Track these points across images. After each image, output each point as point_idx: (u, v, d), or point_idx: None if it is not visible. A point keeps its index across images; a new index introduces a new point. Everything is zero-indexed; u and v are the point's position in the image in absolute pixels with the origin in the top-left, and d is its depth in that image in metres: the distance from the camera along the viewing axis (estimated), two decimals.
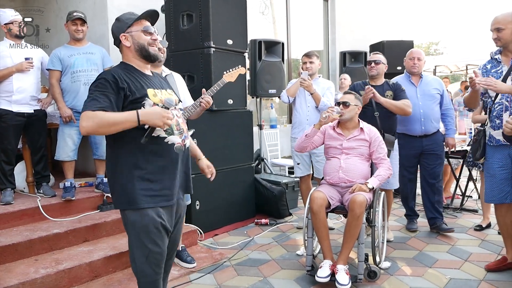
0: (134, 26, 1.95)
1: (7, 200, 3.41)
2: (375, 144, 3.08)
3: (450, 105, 3.94)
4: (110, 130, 1.79)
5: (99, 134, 1.80)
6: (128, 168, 1.90)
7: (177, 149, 1.97)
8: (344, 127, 3.16)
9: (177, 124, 1.98)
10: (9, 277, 2.65)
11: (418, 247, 3.51)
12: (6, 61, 3.47)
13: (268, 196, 4.43)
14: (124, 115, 1.79)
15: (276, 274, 3.06)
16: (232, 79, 3.11)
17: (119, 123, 1.78)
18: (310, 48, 4.41)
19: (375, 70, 3.58)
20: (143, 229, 1.91)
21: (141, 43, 1.94)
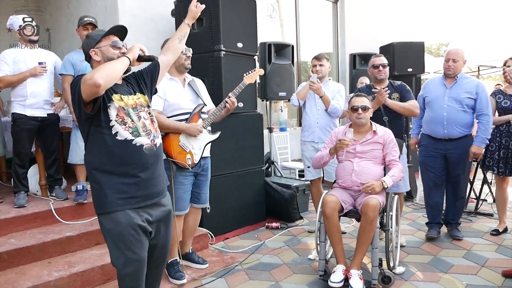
0: (103, 41, 2.04)
1: (20, 203, 3.43)
2: (388, 146, 3.05)
3: (485, 110, 3.52)
4: (115, 72, 1.90)
5: (110, 81, 1.89)
6: (99, 172, 1.98)
7: (147, 150, 2.03)
8: (356, 132, 3.12)
9: (143, 125, 2.05)
10: (22, 280, 2.67)
11: (433, 252, 3.46)
12: (20, 66, 3.51)
13: (279, 200, 4.41)
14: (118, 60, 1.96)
15: (288, 279, 3.03)
16: (252, 80, 3.16)
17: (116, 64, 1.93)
18: (319, 51, 4.40)
19: (383, 73, 3.54)
20: (119, 236, 1.96)
21: (110, 56, 2.03)
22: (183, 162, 2.85)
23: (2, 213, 3.25)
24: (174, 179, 2.88)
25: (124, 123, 1.98)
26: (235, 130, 4.06)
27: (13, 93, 3.56)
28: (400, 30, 8.00)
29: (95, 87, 1.79)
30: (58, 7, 5.25)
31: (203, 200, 3.15)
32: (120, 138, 1.97)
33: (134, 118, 2.02)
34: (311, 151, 3.95)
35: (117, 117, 1.97)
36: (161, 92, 2.87)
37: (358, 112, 3.05)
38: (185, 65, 2.98)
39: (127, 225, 1.96)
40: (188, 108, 2.95)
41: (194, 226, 3.23)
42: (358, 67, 6.53)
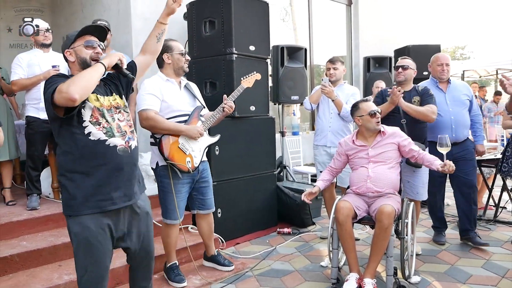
0: (77, 41, 2.00)
1: (33, 206, 3.45)
2: (407, 142, 2.98)
3: (479, 111, 3.82)
4: (90, 83, 1.84)
5: (87, 92, 1.83)
6: (70, 173, 1.92)
7: (121, 151, 1.97)
8: (366, 136, 3.05)
9: (118, 126, 2.00)
10: (33, 283, 2.67)
11: (450, 261, 3.36)
12: (34, 69, 3.54)
13: (291, 205, 4.35)
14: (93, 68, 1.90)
15: (300, 286, 2.97)
16: (249, 84, 3.13)
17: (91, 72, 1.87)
18: (332, 54, 4.33)
19: (403, 75, 3.46)
20: (84, 242, 1.91)
21: (82, 57, 1.99)
22: (183, 165, 2.80)
23: (15, 216, 3.27)
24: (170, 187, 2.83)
25: (98, 123, 1.93)
26: (246, 134, 4.03)
27: (27, 96, 3.59)
28: (416, 33, 7.78)
29: (70, 101, 1.75)
30: (72, 11, 5.30)
31: (208, 206, 3.12)
32: (93, 138, 1.91)
33: (108, 119, 1.97)
34: (324, 155, 3.89)
35: (91, 117, 1.92)
36: (158, 93, 2.81)
37: (377, 116, 2.98)
38: (183, 68, 2.93)
39: (94, 230, 1.90)
40: (186, 110, 2.90)
41: (209, 229, 3.22)
42: (372, 70, 6.44)
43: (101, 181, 1.92)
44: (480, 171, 4.46)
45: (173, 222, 2.92)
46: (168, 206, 2.89)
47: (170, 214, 2.90)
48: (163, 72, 2.94)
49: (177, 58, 2.90)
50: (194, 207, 3.11)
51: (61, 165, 1.95)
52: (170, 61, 2.91)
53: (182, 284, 2.91)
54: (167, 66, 2.92)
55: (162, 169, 2.86)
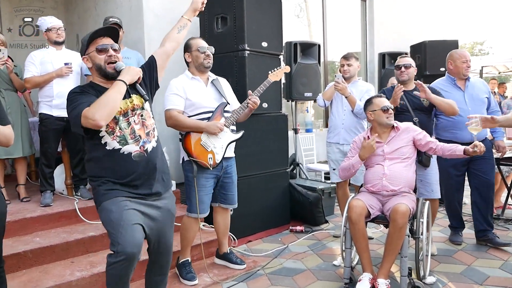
0: (90, 46, 2.02)
1: (46, 202, 3.48)
2: (422, 135, 2.92)
3: (497, 107, 3.70)
4: (115, 105, 1.90)
5: (111, 117, 1.91)
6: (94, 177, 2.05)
7: (136, 157, 2.02)
8: (380, 132, 2.98)
9: (132, 132, 2.03)
10: (46, 279, 2.69)
11: (466, 261, 3.27)
12: (47, 67, 3.56)
13: (304, 203, 4.30)
14: (111, 88, 1.93)
15: (312, 285, 2.93)
16: (277, 78, 3.11)
17: (114, 94, 1.90)
18: (347, 50, 4.27)
19: (406, 74, 3.38)
20: (110, 224, 1.96)
21: (97, 63, 2.02)
22: (204, 161, 2.82)
23: (28, 212, 3.30)
24: (194, 182, 2.85)
25: (113, 132, 1.99)
26: (259, 131, 3.99)
27: (40, 93, 3.62)
28: (432, 28, 7.61)
29: (96, 127, 1.87)
30: (85, 8, 5.32)
31: (230, 201, 3.13)
32: (108, 148, 2.00)
33: (122, 125, 2.01)
34: (336, 152, 3.84)
35: (107, 127, 1.98)
36: (181, 92, 2.86)
37: (389, 112, 2.93)
38: (204, 64, 2.93)
39: (116, 211, 1.95)
40: (211, 107, 2.91)
41: (225, 226, 3.22)
42: (387, 66, 6.32)
43: (122, 184, 2.01)
44: (499, 169, 4.35)
45: (194, 216, 2.93)
46: (192, 200, 2.91)
47: (191, 207, 2.93)
48: (189, 70, 3.00)
49: (195, 55, 2.93)
50: (216, 200, 3.13)
51: (88, 171, 2.11)
52: (190, 59, 2.96)
53: (193, 282, 2.90)
54: (190, 64, 2.99)
55: (187, 164, 2.91)
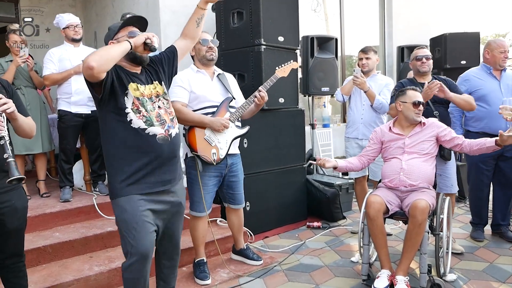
0: (121, 32, 2.07)
1: (65, 198, 3.53)
2: (447, 131, 2.84)
3: None
4: (112, 55, 1.86)
5: (106, 65, 1.85)
6: (112, 158, 2.04)
7: (160, 140, 2.04)
8: (404, 126, 2.94)
9: (158, 115, 2.06)
10: (65, 273, 2.73)
11: (489, 258, 3.19)
12: (65, 64, 3.60)
13: (321, 198, 4.26)
14: (118, 44, 1.94)
15: (329, 282, 2.90)
16: (284, 74, 3.05)
17: (115, 48, 1.89)
18: (365, 44, 4.20)
19: (427, 66, 3.29)
20: (124, 224, 2.00)
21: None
22: (208, 157, 2.78)
23: (48, 207, 3.36)
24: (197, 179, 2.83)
25: (139, 111, 2.01)
26: (275, 126, 3.96)
27: (59, 90, 3.67)
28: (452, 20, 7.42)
29: (88, 69, 1.80)
30: (103, 6, 5.38)
31: (238, 201, 3.09)
32: (134, 126, 2.00)
33: (148, 107, 2.04)
34: (355, 148, 3.79)
35: (133, 105, 2.01)
36: (186, 84, 2.82)
37: (419, 108, 2.86)
38: (206, 56, 2.88)
39: (131, 212, 1.98)
40: (216, 101, 2.88)
41: (239, 223, 3.20)
42: (406, 60, 6.19)
43: (140, 167, 2.01)
44: None
45: (198, 214, 2.91)
46: (194, 198, 2.89)
47: (195, 206, 2.90)
48: (195, 64, 2.97)
49: (198, 48, 2.89)
50: (225, 200, 3.11)
51: (106, 150, 2.07)
52: (193, 52, 2.93)
53: (205, 282, 2.88)
54: (195, 58, 2.97)
55: (190, 160, 2.88)
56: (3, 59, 3.72)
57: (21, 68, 3.63)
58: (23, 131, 2.02)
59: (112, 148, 2.04)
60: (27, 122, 2.03)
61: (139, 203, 2.00)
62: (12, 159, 1.74)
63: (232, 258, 3.32)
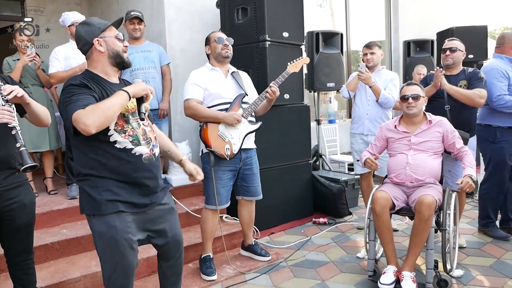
0: (107, 31, 1.91)
1: (73, 195, 3.55)
2: (452, 135, 2.82)
3: None
4: (110, 115, 1.73)
5: (104, 125, 1.75)
6: (93, 177, 1.85)
7: (146, 160, 1.91)
8: (409, 123, 2.91)
9: (144, 133, 1.92)
10: (72, 270, 2.75)
11: (496, 254, 3.16)
12: (71, 62, 3.61)
13: (327, 194, 4.25)
14: (114, 96, 1.77)
15: (335, 278, 2.90)
16: (296, 69, 3.08)
17: (115, 103, 1.74)
18: (370, 39, 4.16)
19: (451, 58, 3.25)
20: (110, 241, 1.84)
21: (116, 49, 1.92)
22: (221, 152, 2.83)
23: (56, 204, 3.39)
24: (212, 174, 2.86)
25: (124, 131, 1.86)
26: (281, 122, 3.96)
27: None
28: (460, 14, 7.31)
29: (86, 133, 1.68)
30: (108, 4, 5.39)
31: (252, 193, 3.12)
32: (119, 147, 1.85)
33: (133, 124, 1.90)
34: (360, 143, 3.77)
35: (116, 126, 1.84)
36: (201, 82, 2.88)
37: (408, 101, 2.84)
38: (222, 53, 2.93)
39: (119, 229, 1.84)
40: (230, 98, 2.92)
41: (249, 218, 3.23)
42: (413, 54, 6.16)
43: (125, 186, 1.88)
44: None
45: (211, 207, 2.94)
46: (209, 192, 2.94)
47: (210, 200, 2.94)
48: (210, 63, 3.03)
49: (213, 46, 2.96)
50: (239, 193, 3.14)
51: (84, 170, 1.87)
52: (209, 51, 3.00)
53: (211, 277, 2.90)
54: (210, 56, 3.02)
55: (205, 156, 2.93)
56: (10, 58, 3.75)
57: (28, 67, 3.66)
58: (38, 117, 1.99)
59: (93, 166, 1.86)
60: (41, 107, 2.01)
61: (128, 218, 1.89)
62: (24, 148, 1.74)
63: (241, 253, 3.34)
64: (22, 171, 1.71)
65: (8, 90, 1.79)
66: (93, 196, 1.84)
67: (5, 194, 1.95)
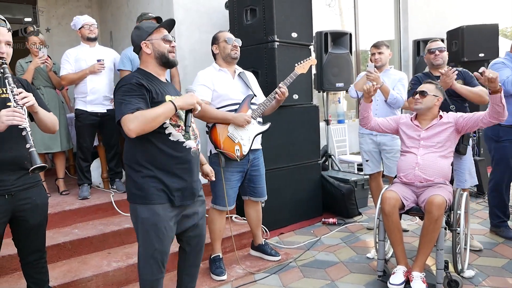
0: (154, 34, 2.05)
1: (84, 195, 3.60)
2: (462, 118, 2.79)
3: None
4: (153, 125, 1.89)
5: (145, 132, 1.88)
6: (143, 167, 1.99)
7: (193, 153, 2.07)
8: (421, 119, 2.91)
9: (192, 129, 2.07)
10: (84, 269, 2.79)
11: (508, 255, 3.13)
12: (81, 64, 3.66)
13: (336, 195, 4.25)
14: (162, 107, 1.91)
15: (345, 278, 2.89)
16: (304, 70, 3.08)
17: (160, 115, 1.89)
18: (380, 38, 4.14)
19: (440, 58, 3.24)
20: (152, 227, 1.99)
21: (161, 50, 2.04)
22: (231, 153, 2.83)
23: (67, 205, 3.43)
24: (221, 174, 2.87)
25: (177, 125, 2.01)
26: (290, 122, 3.96)
27: (75, 90, 3.74)
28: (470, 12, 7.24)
29: (127, 135, 1.87)
30: (118, 6, 5.44)
31: (259, 194, 3.13)
32: (173, 139, 2.00)
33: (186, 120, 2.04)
34: (369, 144, 3.75)
35: (171, 120, 1.99)
36: (209, 83, 2.87)
37: (416, 97, 2.86)
38: (231, 55, 2.93)
39: (163, 217, 2.00)
40: (238, 99, 2.92)
41: (257, 218, 3.24)
42: (422, 54, 6.11)
43: (173, 178, 2.02)
44: None
45: (221, 209, 2.96)
46: (217, 193, 2.94)
47: (218, 200, 2.95)
48: (216, 63, 3.01)
49: (222, 47, 2.94)
50: (246, 193, 3.15)
51: (134, 158, 2.01)
52: (217, 51, 2.98)
53: (221, 277, 2.91)
54: (217, 56, 3.00)
55: (213, 157, 2.93)
56: (23, 60, 3.81)
57: (40, 69, 3.72)
58: (45, 125, 2.05)
59: (146, 156, 1.99)
60: (49, 116, 2.07)
61: (171, 210, 2.05)
62: (34, 149, 1.78)
63: (251, 254, 3.35)
64: (31, 171, 1.75)
65: (22, 95, 1.85)
66: (140, 186, 1.99)
67: (19, 194, 1.99)
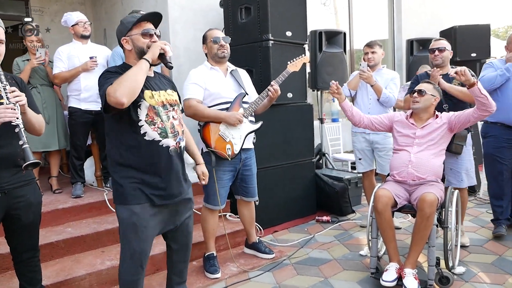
0: (134, 29, 1.98)
1: (77, 194, 3.59)
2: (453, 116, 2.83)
3: None
4: (137, 85, 1.83)
5: (135, 95, 1.85)
6: (122, 167, 1.98)
7: (172, 152, 2.01)
8: (417, 118, 2.94)
9: (172, 126, 2.02)
10: (77, 268, 2.78)
11: (498, 251, 3.18)
12: (74, 61, 3.64)
13: (330, 193, 4.27)
14: (136, 66, 1.87)
15: (338, 275, 2.92)
16: (296, 68, 3.08)
17: (136, 72, 1.84)
18: (373, 38, 4.17)
19: (440, 58, 3.28)
20: (130, 226, 1.97)
21: (139, 46, 1.99)
22: (222, 152, 2.82)
23: (60, 203, 3.42)
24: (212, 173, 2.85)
25: (154, 123, 1.96)
26: (284, 121, 3.98)
27: (68, 88, 3.71)
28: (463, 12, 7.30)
29: (119, 105, 1.79)
30: (112, 3, 5.42)
31: (251, 194, 3.13)
32: (148, 138, 1.95)
33: (163, 117, 1.99)
34: (362, 142, 3.78)
35: (147, 117, 1.95)
36: (201, 82, 2.86)
37: (413, 96, 2.88)
38: (218, 54, 2.91)
39: (141, 217, 1.97)
40: (229, 97, 2.91)
41: (250, 216, 3.25)
42: (416, 53, 6.14)
43: (152, 178, 1.99)
44: None
45: (213, 207, 2.96)
46: (209, 192, 2.94)
47: (210, 199, 2.95)
48: (208, 61, 3.01)
49: (210, 46, 2.95)
50: (238, 193, 3.16)
51: (115, 160, 2.00)
52: (206, 50, 2.99)
53: (215, 275, 2.92)
54: (208, 55, 3.01)
55: (205, 156, 2.89)
56: (20, 58, 3.77)
57: (37, 68, 3.68)
58: (32, 126, 2.03)
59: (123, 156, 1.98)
60: (36, 117, 2.05)
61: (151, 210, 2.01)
62: (27, 145, 1.78)
63: (245, 251, 3.36)
64: (23, 168, 1.75)
65: (14, 94, 1.84)
66: (121, 187, 1.97)
67: (13, 192, 1.98)
